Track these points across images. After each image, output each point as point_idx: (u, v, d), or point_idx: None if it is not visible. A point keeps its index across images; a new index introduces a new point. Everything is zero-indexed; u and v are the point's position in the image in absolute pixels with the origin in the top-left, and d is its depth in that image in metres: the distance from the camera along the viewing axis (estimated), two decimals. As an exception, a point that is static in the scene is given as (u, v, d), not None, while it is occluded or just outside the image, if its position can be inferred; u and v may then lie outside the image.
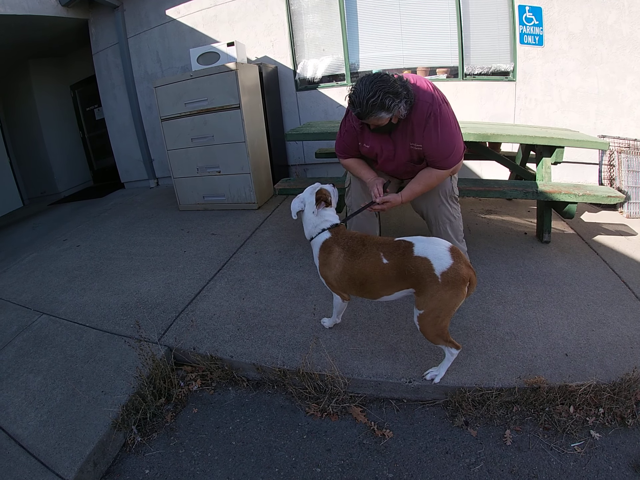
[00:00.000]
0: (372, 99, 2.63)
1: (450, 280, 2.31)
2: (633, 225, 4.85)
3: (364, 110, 2.70)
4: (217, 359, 2.93)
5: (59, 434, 2.43)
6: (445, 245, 2.42)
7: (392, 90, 2.64)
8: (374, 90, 2.62)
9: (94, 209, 7.15)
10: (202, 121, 5.59)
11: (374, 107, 2.66)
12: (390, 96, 2.64)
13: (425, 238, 2.49)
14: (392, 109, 2.69)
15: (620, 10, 5.43)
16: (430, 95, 2.90)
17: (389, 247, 2.52)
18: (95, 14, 7.58)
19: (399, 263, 2.45)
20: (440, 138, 2.93)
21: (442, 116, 2.91)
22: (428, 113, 2.88)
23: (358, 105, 2.71)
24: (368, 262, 2.56)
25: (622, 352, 2.75)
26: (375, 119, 2.76)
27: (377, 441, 2.41)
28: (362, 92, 2.66)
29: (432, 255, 2.36)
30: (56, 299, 3.94)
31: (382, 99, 2.63)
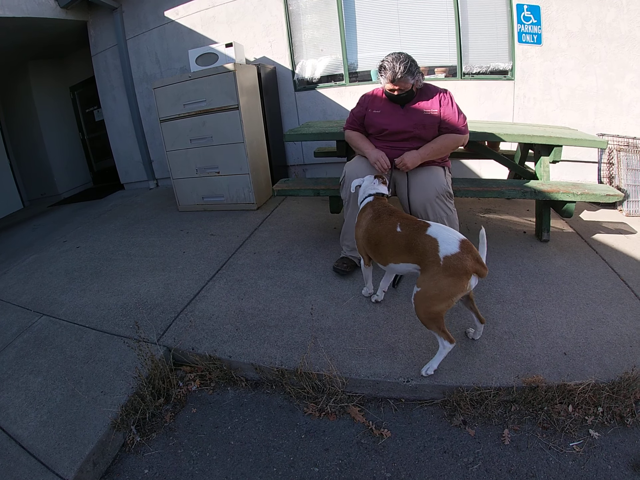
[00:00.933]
0: (403, 63, 3.19)
1: (451, 266, 2.38)
2: (633, 223, 4.84)
3: (394, 71, 3.20)
4: (215, 359, 2.93)
5: (59, 434, 2.44)
6: (459, 235, 2.50)
7: (416, 63, 3.28)
8: (404, 56, 3.23)
9: (93, 210, 7.16)
10: (201, 122, 5.59)
11: (405, 69, 3.19)
12: (414, 64, 3.26)
13: (444, 226, 2.64)
14: (416, 75, 3.28)
15: (619, 8, 5.42)
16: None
17: (408, 221, 2.74)
18: (94, 15, 7.58)
19: (410, 235, 2.62)
20: (455, 108, 3.45)
21: (454, 99, 3.49)
22: (441, 90, 3.49)
23: (390, 68, 3.21)
24: (385, 226, 2.82)
25: (621, 350, 2.75)
26: (403, 81, 3.25)
27: (375, 441, 2.41)
28: (394, 60, 3.21)
29: (441, 238, 2.47)
30: (56, 300, 3.94)
31: (410, 65, 3.22)
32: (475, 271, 2.41)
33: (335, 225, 4.89)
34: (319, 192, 4.25)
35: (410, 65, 3.20)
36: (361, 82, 6.47)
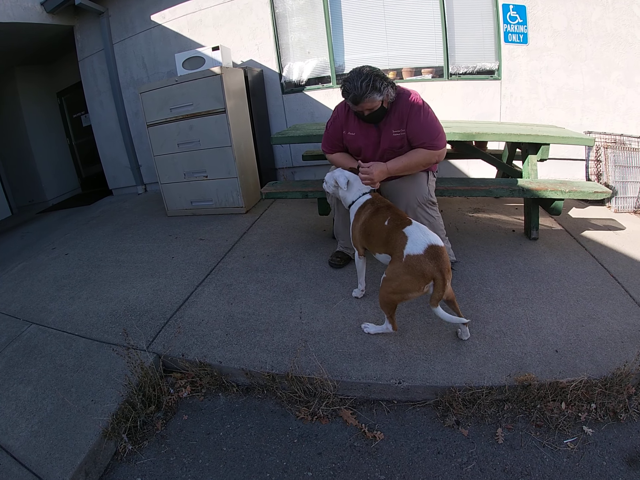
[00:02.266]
0: (365, 81, 2.94)
1: (410, 265, 2.57)
2: (621, 219, 4.87)
3: (359, 92, 2.98)
4: (206, 365, 2.91)
5: (50, 444, 2.41)
6: (431, 240, 2.60)
7: (380, 74, 3.02)
8: (365, 74, 2.97)
9: (82, 217, 7.11)
10: (188, 126, 5.57)
11: (368, 88, 2.95)
12: (379, 78, 2.98)
13: (425, 227, 2.75)
14: (383, 90, 3.01)
15: (604, 6, 5.46)
16: (413, 91, 3.26)
17: (396, 217, 2.89)
18: (81, 20, 7.54)
19: (390, 229, 2.82)
20: (424, 121, 3.21)
21: (424, 106, 3.23)
22: (411, 101, 3.21)
23: (352, 89, 3.00)
24: (378, 219, 2.97)
25: (612, 346, 2.76)
26: (369, 100, 3.03)
27: (368, 443, 2.40)
28: (355, 78, 2.98)
29: (411, 238, 2.64)
30: (45, 308, 3.91)
31: (373, 80, 2.95)
32: (432, 278, 2.54)
33: (324, 227, 4.89)
34: (307, 194, 4.24)
35: (374, 80, 2.96)
36: (349, 84, 6.46)
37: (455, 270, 3.76)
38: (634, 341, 2.79)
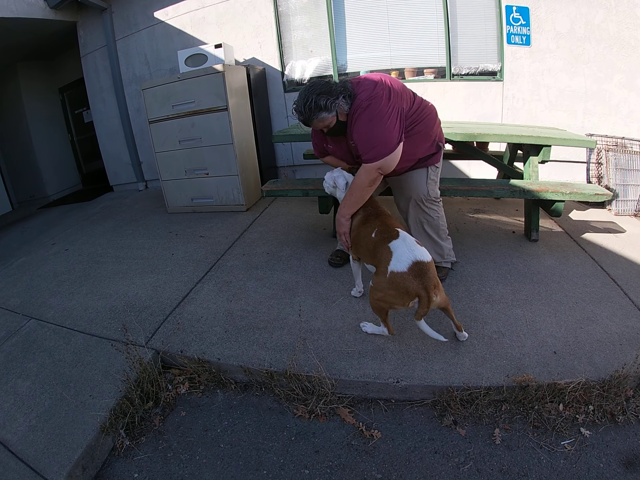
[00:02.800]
0: (307, 103, 2.85)
1: (393, 282, 2.55)
2: (621, 222, 4.87)
3: (305, 116, 2.93)
4: (204, 362, 2.91)
5: (48, 439, 2.41)
6: (416, 257, 2.53)
7: (324, 90, 2.85)
8: (307, 95, 2.86)
9: (82, 213, 7.11)
10: (190, 123, 5.57)
11: (312, 110, 2.87)
12: (323, 96, 2.83)
13: (412, 241, 2.65)
14: (330, 107, 2.87)
15: (608, 9, 5.46)
16: (368, 90, 2.96)
17: (384, 228, 2.81)
18: (84, 16, 7.54)
19: (377, 243, 2.77)
20: (362, 129, 2.96)
21: (370, 109, 2.92)
22: (357, 106, 2.95)
23: (300, 113, 2.95)
24: (366, 229, 2.93)
25: (611, 349, 2.76)
26: (319, 121, 2.96)
27: (365, 442, 2.40)
28: (299, 101, 2.91)
29: (396, 254, 2.58)
30: (44, 304, 3.90)
31: (316, 100, 2.83)
32: (417, 295, 2.50)
33: (324, 226, 4.89)
34: (308, 192, 4.24)
35: (317, 101, 2.82)
36: (351, 83, 6.46)
37: (455, 270, 3.77)
38: (633, 344, 2.79)
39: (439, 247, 3.61)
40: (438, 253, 3.61)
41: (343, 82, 2.98)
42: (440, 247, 3.61)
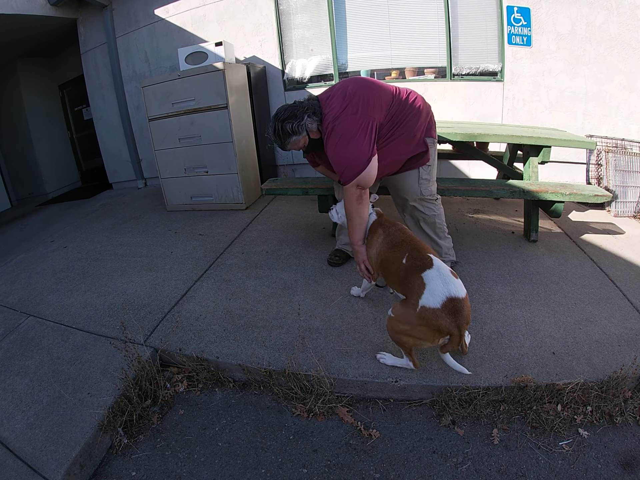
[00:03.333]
0: (276, 131, 2.98)
1: (424, 317, 2.36)
2: (621, 223, 4.87)
3: (278, 143, 3.07)
4: (203, 360, 2.91)
5: (46, 437, 2.41)
6: (451, 292, 2.35)
7: (288, 115, 2.93)
8: (273, 124, 2.99)
9: (81, 210, 7.11)
10: (190, 121, 5.56)
11: (281, 137, 2.99)
12: (288, 121, 2.92)
13: (447, 272, 2.45)
14: (297, 130, 2.95)
15: (609, 11, 5.46)
16: (333, 111, 2.96)
17: (416, 254, 2.60)
18: (84, 13, 7.53)
19: (408, 269, 2.55)
20: (333, 152, 2.99)
21: (335, 131, 2.92)
22: (325, 129, 2.99)
23: (274, 141, 3.08)
24: (395, 255, 2.70)
25: (609, 350, 2.76)
26: (292, 145, 3.05)
27: (363, 441, 2.40)
28: (270, 130, 3.04)
29: (429, 287, 2.38)
30: (43, 301, 3.90)
31: (283, 127, 2.94)
32: (449, 334, 2.36)
33: (324, 225, 4.89)
34: (308, 191, 4.25)
35: (282, 127, 2.91)
36: (351, 82, 6.46)
37: (454, 270, 3.76)
38: (631, 345, 2.80)
39: (436, 244, 3.62)
40: (437, 251, 3.61)
41: (309, 100, 3.04)
42: (437, 245, 3.62)
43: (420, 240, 2.82)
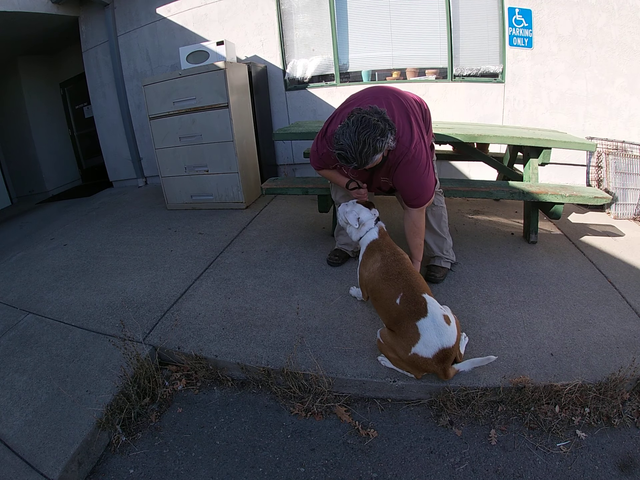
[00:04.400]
0: (365, 149, 2.62)
1: (414, 362, 2.44)
2: (620, 226, 4.87)
3: (360, 162, 2.69)
4: (201, 359, 2.92)
5: (44, 434, 2.42)
6: (444, 344, 2.38)
7: (378, 132, 2.62)
8: (363, 141, 2.60)
9: (81, 208, 7.11)
10: (191, 120, 5.56)
11: (368, 156, 2.66)
12: (378, 138, 2.62)
13: (441, 321, 2.43)
14: (383, 147, 2.69)
15: (610, 13, 5.46)
16: (408, 133, 2.94)
17: (410, 295, 2.54)
18: (86, 11, 7.52)
19: (402, 313, 2.51)
20: (409, 179, 3.01)
21: (414, 158, 2.93)
22: (403, 153, 2.91)
23: (353, 159, 2.68)
24: (387, 289, 2.64)
25: (608, 351, 2.77)
26: (371, 164, 2.77)
27: (361, 441, 2.41)
28: (352, 147, 2.63)
29: (424, 338, 2.39)
30: (42, 298, 3.91)
31: (374, 144, 2.62)
32: (433, 372, 2.47)
33: (324, 225, 4.89)
34: (308, 190, 4.25)
35: (375, 142, 2.62)
36: (352, 83, 6.48)
37: (453, 271, 3.78)
38: (630, 347, 2.80)
39: (440, 239, 3.65)
40: (438, 245, 3.66)
41: (382, 116, 2.72)
42: (440, 240, 3.66)
43: (416, 274, 2.73)
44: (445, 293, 3.47)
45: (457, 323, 2.58)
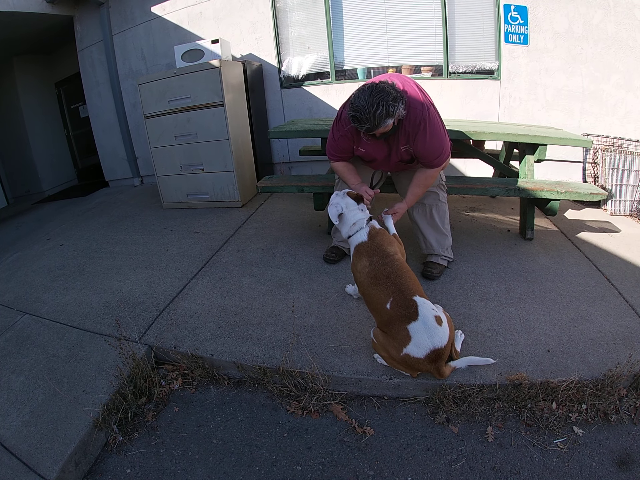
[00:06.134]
0: (379, 111, 2.71)
1: (406, 361, 2.46)
2: (617, 222, 4.89)
3: (373, 123, 2.78)
4: (197, 358, 2.91)
5: (41, 434, 2.41)
6: (435, 345, 2.39)
7: (391, 97, 2.74)
8: (377, 102, 2.71)
9: (77, 208, 7.09)
10: (186, 119, 5.55)
11: (381, 118, 2.75)
12: (391, 103, 2.74)
13: (432, 323, 2.42)
14: (395, 113, 2.79)
15: (606, 10, 5.47)
16: (420, 102, 3.06)
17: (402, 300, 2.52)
18: (81, 10, 7.50)
19: (392, 317, 2.50)
20: (429, 142, 3.09)
21: (431, 121, 3.05)
22: (419, 119, 3.01)
23: (366, 120, 2.77)
24: (377, 293, 2.61)
25: (604, 348, 2.77)
26: (383, 128, 2.86)
27: (358, 439, 2.41)
28: (367, 108, 2.73)
29: (415, 340, 2.41)
30: (39, 299, 3.90)
31: (386, 107, 2.72)
32: (427, 371, 2.50)
33: (319, 223, 4.89)
34: (303, 188, 4.25)
35: (387, 108, 2.72)
36: (348, 80, 6.48)
37: (450, 268, 3.78)
38: (626, 343, 2.81)
39: (443, 237, 3.68)
40: (440, 243, 3.68)
41: (394, 87, 2.86)
42: (443, 238, 3.68)
43: (406, 275, 2.66)
44: (441, 290, 3.47)
45: (450, 322, 2.58)
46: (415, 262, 3.85)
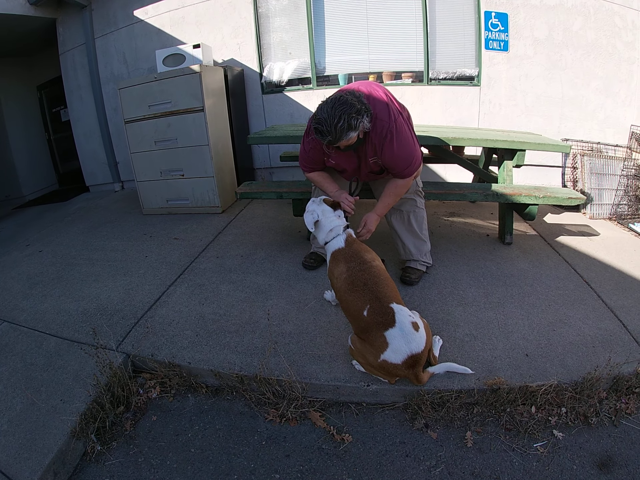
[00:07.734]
0: (340, 124, 2.71)
1: (384, 368, 2.45)
2: (596, 226, 4.94)
3: (334, 137, 2.78)
4: (175, 366, 2.88)
5: (19, 444, 2.38)
6: (412, 350, 2.39)
7: (354, 109, 2.73)
8: (339, 115, 2.71)
9: (58, 213, 7.02)
10: (166, 124, 5.52)
11: (343, 131, 2.74)
12: (353, 115, 2.72)
13: (409, 329, 2.42)
14: (358, 126, 2.78)
15: (586, 17, 5.55)
16: (386, 111, 3.03)
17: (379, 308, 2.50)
18: (64, 13, 7.44)
19: (369, 324, 2.49)
20: (397, 153, 3.08)
21: (398, 132, 3.03)
22: (386, 131, 3.00)
23: (327, 133, 2.77)
24: (354, 302, 2.59)
25: (583, 351, 2.80)
26: (345, 140, 2.84)
27: (336, 446, 2.40)
28: (328, 120, 2.73)
29: (392, 346, 2.41)
30: (17, 306, 3.83)
31: (348, 120, 2.71)
32: (404, 377, 2.50)
33: (299, 229, 4.88)
34: (282, 194, 4.25)
35: (349, 121, 2.72)
36: (329, 86, 6.50)
37: (429, 273, 3.79)
38: (605, 346, 2.84)
39: (420, 242, 3.69)
40: (418, 248, 3.68)
41: (359, 98, 2.85)
42: (421, 243, 3.69)
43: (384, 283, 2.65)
44: (420, 295, 3.48)
45: (427, 328, 2.59)
46: (393, 268, 3.86)
